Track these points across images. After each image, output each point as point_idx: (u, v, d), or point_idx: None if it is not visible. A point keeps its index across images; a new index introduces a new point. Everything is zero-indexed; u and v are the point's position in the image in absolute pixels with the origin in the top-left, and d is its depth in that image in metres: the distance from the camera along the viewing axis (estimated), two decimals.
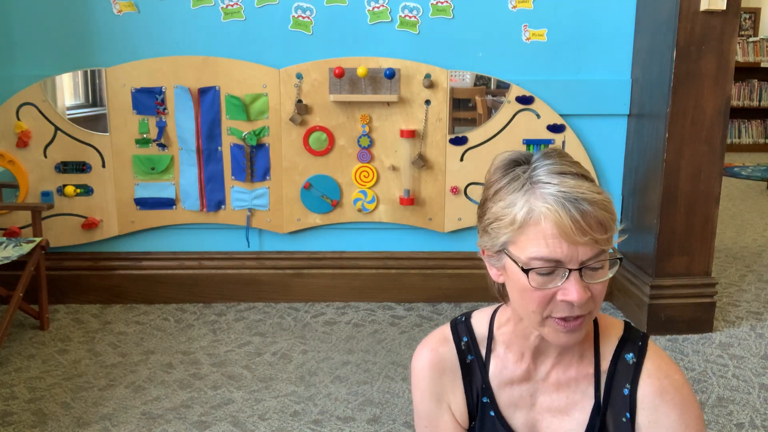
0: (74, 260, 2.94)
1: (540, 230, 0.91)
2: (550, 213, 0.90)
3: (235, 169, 2.88)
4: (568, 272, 0.91)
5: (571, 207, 0.89)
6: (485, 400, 1.08)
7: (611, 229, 0.92)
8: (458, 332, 1.11)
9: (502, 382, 1.07)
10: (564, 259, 0.90)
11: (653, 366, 1.01)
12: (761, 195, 5.54)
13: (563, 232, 0.89)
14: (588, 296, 0.92)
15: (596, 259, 0.91)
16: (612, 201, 0.95)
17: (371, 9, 2.80)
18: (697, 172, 2.61)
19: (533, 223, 0.91)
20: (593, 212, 0.90)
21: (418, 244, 3.01)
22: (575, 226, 0.89)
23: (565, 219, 0.89)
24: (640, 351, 1.02)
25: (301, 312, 2.91)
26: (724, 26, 2.50)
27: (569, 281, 0.91)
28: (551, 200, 0.90)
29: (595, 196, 0.91)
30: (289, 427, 2.02)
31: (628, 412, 1.00)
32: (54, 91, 2.81)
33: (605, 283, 0.94)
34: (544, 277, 0.92)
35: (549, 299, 0.93)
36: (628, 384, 1.01)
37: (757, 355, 2.51)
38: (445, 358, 1.09)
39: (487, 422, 1.09)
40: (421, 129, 2.86)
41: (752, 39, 7.75)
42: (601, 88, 2.87)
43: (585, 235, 0.89)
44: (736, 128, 7.92)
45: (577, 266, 0.91)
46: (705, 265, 2.69)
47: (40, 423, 2.03)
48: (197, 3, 2.77)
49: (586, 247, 0.90)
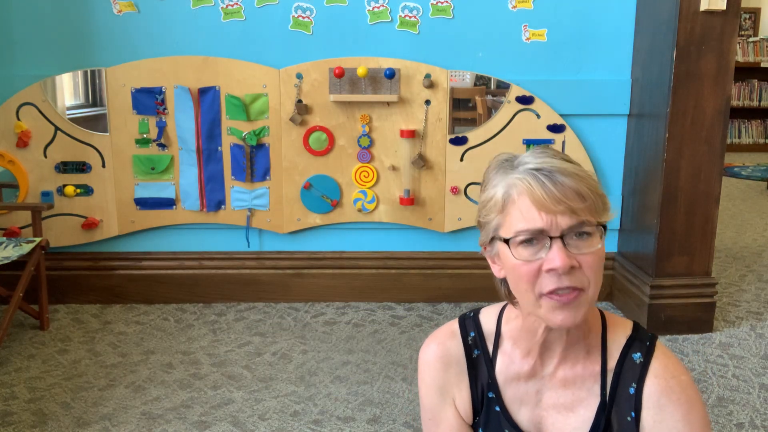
0: (74, 260, 2.94)
1: (518, 206, 0.94)
2: (524, 185, 0.94)
3: (235, 169, 2.88)
4: (550, 241, 0.93)
5: (544, 179, 0.93)
6: (491, 395, 1.09)
7: (590, 200, 0.94)
8: (466, 327, 1.12)
9: (508, 377, 1.08)
10: (544, 227, 0.93)
11: (660, 366, 1.01)
12: (761, 195, 5.54)
13: (538, 203, 0.92)
14: (573, 263, 0.93)
15: (578, 228, 0.93)
16: (596, 180, 0.97)
17: (371, 9, 2.80)
18: (697, 172, 2.61)
19: (512, 201, 0.95)
20: (568, 182, 0.93)
21: (418, 244, 3.01)
22: (548, 195, 0.92)
23: (538, 190, 0.92)
24: (648, 351, 1.03)
25: (301, 312, 2.91)
26: (724, 26, 2.50)
27: (552, 250, 0.93)
28: (526, 175, 0.94)
29: (570, 168, 0.94)
30: (289, 427, 2.02)
31: (633, 411, 1.01)
32: (54, 91, 2.81)
33: (596, 255, 0.95)
34: (527, 249, 0.94)
35: (536, 272, 0.94)
36: (634, 383, 1.01)
37: (757, 355, 2.51)
38: (451, 352, 1.11)
39: (492, 417, 1.09)
40: (421, 129, 2.86)
41: (752, 39, 7.75)
42: (601, 88, 2.87)
43: (560, 204, 0.92)
44: (736, 128, 7.92)
45: (559, 233, 0.93)
46: (705, 265, 2.69)
47: (40, 423, 2.03)
48: (197, 3, 2.77)
49: (565, 216, 0.92)
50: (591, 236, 0.94)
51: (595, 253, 0.94)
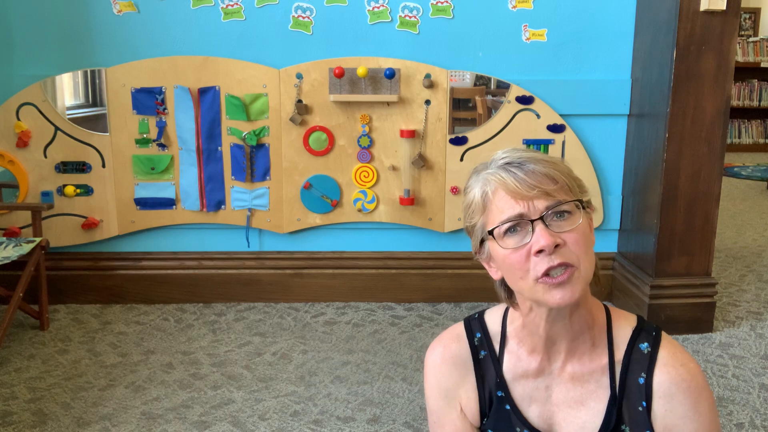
0: (74, 260, 2.94)
1: (496, 201, 0.98)
2: (496, 179, 0.98)
3: (235, 169, 2.88)
4: (532, 224, 0.95)
5: (515, 169, 0.97)
6: (500, 394, 1.09)
7: (562, 181, 0.97)
8: (471, 329, 1.13)
9: (516, 375, 1.08)
10: (523, 211, 0.96)
11: (668, 354, 1.02)
12: (761, 195, 5.54)
13: (512, 192, 0.96)
14: (558, 241, 0.95)
15: (556, 208, 0.96)
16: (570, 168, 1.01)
17: (371, 9, 2.80)
18: (697, 172, 2.61)
19: (489, 198, 0.99)
20: (539, 169, 0.97)
21: (417, 244, 3.01)
22: (520, 182, 0.96)
23: (510, 180, 0.96)
24: (655, 340, 1.04)
25: (301, 312, 2.91)
26: (724, 26, 2.50)
27: (535, 232, 0.95)
28: (498, 170, 0.99)
29: (538, 156, 0.98)
30: (289, 427, 2.02)
31: (644, 400, 1.01)
32: (54, 91, 2.81)
33: (580, 231, 0.97)
34: (513, 237, 0.97)
35: (526, 258, 0.96)
36: (644, 373, 1.02)
37: (757, 355, 2.51)
38: (457, 354, 1.11)
39: (502, 417, 1.09)
40: (421, 129, 2.86)
41: (752, 39, 7.75)
42: (601, 88, 2.87)
43: (533, 189, 0.95)
44: (736, 128, 7.92)
45: (538, 215, 0.95)
46: (705, 265, 2.69)
47: (40, 423, 2.03)
48: (197, 3, 2.77)
49: (541, 199, 0.96)
50: (571, 214, 0.97)
51: (578, 228, 0.97)
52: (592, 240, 1.01)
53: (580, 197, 0.99)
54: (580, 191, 1.00)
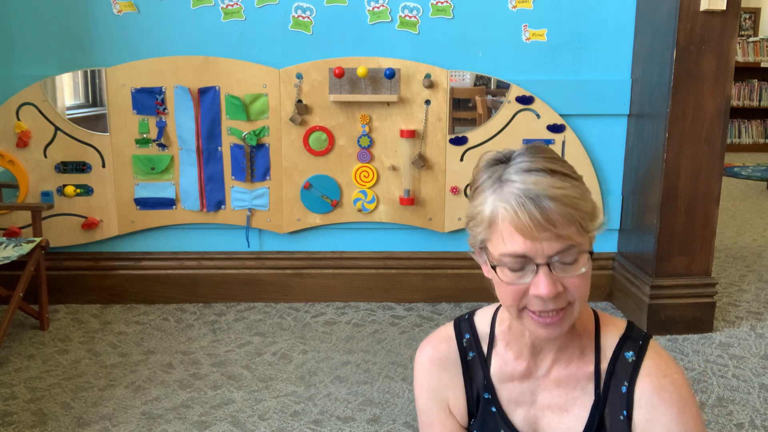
0: (74, 260, 2.94)
1: (503, 229, 0.93)
2: (508, 213, 0.91)
3: (235, 169, 2.88)
4: (536, 267, 0.92)
5: (530, 204, 0.90)
6: (487, 396, 1.09)
7: (578, 223, 0.92)
8: (461, 330, 1.13)
9: (503, 378, 1.08)
10: (528, 253, 0.91)
11: (652, 364, 1.01)
12: (761, 195, 5.54)
13: (522, 230, 0.91)
14: (559, 290, 0.92)
15: (565, 253, 0.92)
16: (586, 197, 0.95)
17: (371, 9, 2.80)
18: (697, 172, 2.61)
19: (497, 222, 0.94)
20: (555, 208, 0.90)
21: (418, 244, 3.01)
22: (533, 222, 0.90)
23: (523, 217, 0.90)
24: (640, 350, 1.02)
25: (301, 312, 2.91)
26: (724, 26, 2.50)
27: (539, 276, 0.92)
28: (511, 199, 0.92)
29: (558, 192, 0.91)
30: (289, 427, 2.02)
31: (625, 410, 1.00)
32: (54, 91, 2.81)
33: (583, 277, 0.94)
34: (514, 272, 0.94)
35: (522, 294, 0.94)
36: (626, 382, 1.01)
37: (757, 355, 2.51)
38: (445, 355, 1.11)
39: (488, 418, 1.09)
40: (421, 129, 2.86)
41: (752, 39, 7.75)
42: (601, 88, 2.87)
43: (545, 231, 0.90)
44: (736, 128, 7.92)
45: (545, 261, 0.92)
46: (705, 265, 2.69)
47: (40, 423, 2.03)
48: (197, 3, 2.77)
49: (551, 242, 0.91)
50: (578, 260, 0.93)
51: (582, 275, 0.94)
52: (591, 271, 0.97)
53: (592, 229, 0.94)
54: (591, 221, 0.95)
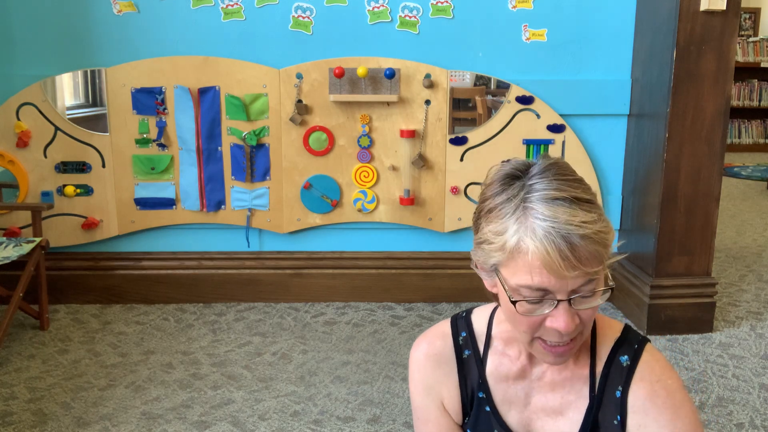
0: (74, 260, 2.94)
1: (528, 262, 0.89)
2: (538, 250, 0.87)
3: (235, 169, 2.88)
4: (556, 302, 0.90)
5: (561, 242, 0.87)
6: (481, 395, 1.09)
7: (604, 260, 0.90)
8: (457, 327, 1.12)
9: (498, 378, 1.08)
10: (552, 289, 0.90)
11: (646, 369, 1.00)
12: (761, 195, 5.54)
13: (551, 268, 0.88)
14: (576, 323, 0.92)
15: (586, 289, 0.91)
16: (609, 227, 0.92)
17: (371, 9, 2.80)
18: (697, 172, 2.61)
19: (522, 253, 0.89)
20: (585, 246, 0.87)
21: (418, 244, 3.01)
22: (564, 262, 0.87)
23: (554, 256, 0.87)
24: (635, 354, 1.02)
25: (301, 312, 2.91)
26: (724, 26, 2.50)
27: (558, 310, 0.91)
28: (541, 235, 0.87)
29: (588, 230, 0.88)
30: (289, 427, 2.02)
31: (619, 415, 1.00)
32: (54, 91, 2.81)
33: (596, 306, 0.94)
34: (532, 305, 0.92)
35: (538, 325, 0.93)
36: (620, 386, 1.00)
37: (757, 355, 2.51)
38: (441, 351, 1.10)
39: (482, 418, 1.09)
40: (421, 129, 2.86)
41: (752, 39, 7.75)
42: (601, 88, 2.87)
43: (575, 270, 0.87)
44: (736, 128, 7.92)
45: (566, 297, 0.90)
46: (705, 265, 2.69)
47: (40, 423, 2.03)
48: (197, 3, 2.77)
49: (577, 279, 0.89)
50: (596, 293, 0.92)
51: (596, 306, 0.93)
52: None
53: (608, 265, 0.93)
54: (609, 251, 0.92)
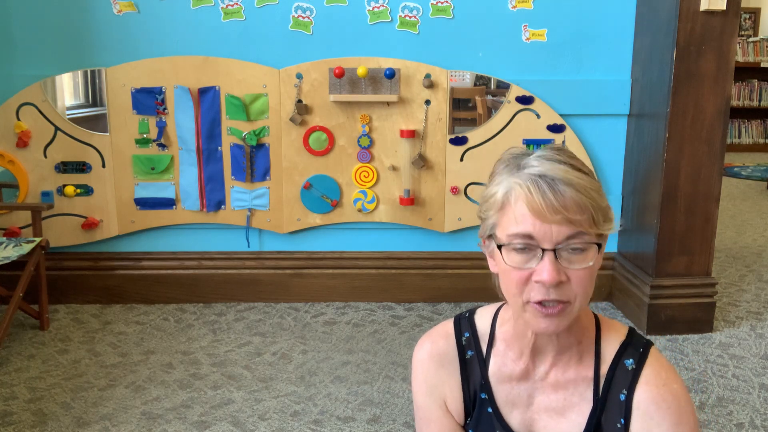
0: (74, 260, 2.94)
1: (516, 211, 0.93)
2: (522, 190, 0.92)
3: (235, 169, 2.88)
4: (542, 252, 0.91)
5: (544, 186, 0.91)
6: (483, 396, 1.08)
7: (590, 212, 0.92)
8: (460, 327, 1.12)
9: (501, 379, 1.07)
10: (537, 235, 0.91)
11: (652, 373, 1.00)
12: (761, 195, 5.54)
13: (534, 210, 0.91)
14: (562, 279, 0.92)
15: (572, 240, 0.91)
16: (601, 193, 0.95)
17: (371, 9, 2.80)
18: (697, 171, 2.61)
19: (510, 202, 0.94)
20: (569, 193, 0.91)
21: (418, 244, 3.01)
22: (546, 203, 0.90)
23: (536, 196, 0.90)
24: (641, 358, 1.02)
25: (301, 312, 2.91)
26: (724, 26, 2.50)
27: (543, 261, 0.92)
28: (527, 179, 0.92)
29: (573, 179, 0.91)
30: (289, 427, 2.02)
31: (622, 418, 1.00)
32: (54, 91, 2.81)
33: (588, 272, 0.94)
34: (519, 255, 0.93)
35: (526, 280, 0.94)
36: (625, 390, 1.00)
37: (757, 355, 2.51)
38: (444, 351, 1.10)
39: (484, 418, 1.09)
40: (421, 129, 2.86)
41: (752, 39, 7.75)
42: (601, 88, 2.87)
43: (557, 214, 0.90)
44: (736, 128, 7.92)
45: (552, 246, 0.91)
46: (705, 265, 2.69)
47: (40, 423, 2.03)
48: (197, 3, 2.77)
49: (561, 227, 0.91)
50: (586, 251, 0.93)
51: (587, 268, 0.93)
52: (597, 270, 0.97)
53: (602, 231, 0.94)
54: (604, 221, 0.94)
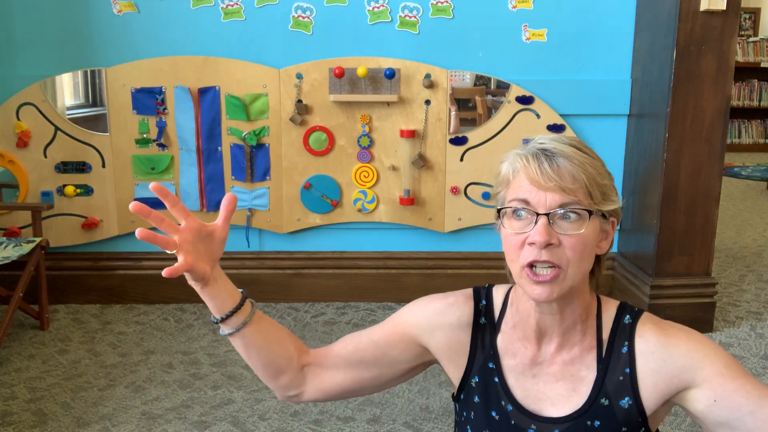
0: (74, 260, 2.94)
1: (518, 182, 1.00)
2: (521, 162, 0.99)
3: (235, 169, 2.88)
4: (536, 216, 0.97)
5: (543, 157, 0.98)
6: (491, 365, 1.11)
7: (584, 184, 0.97)
8: (479, 295, 1.16)
9: (508, 350, 1.10)
10: (532, 201, 0.97)
11: (648, 320, 1.06)
12: (761, 195, 5.54)
13: (530, 178, 0.97)
14: (553, 241, 0.96)
15: (567, 208, 0.96)
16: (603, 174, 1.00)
17: (371, 9, 2.80)
18: (697, 172, 2.61)
19: (514, 176, 1.01)
20: (565, 164, 0.97)
21: (418, 244, 3.01)
22: (541, 171, 0.96)
23: (533, 165, 0.97)
24: (636, 314, 1.07)
25: (301, 312, 2.91)
26: (724, 26, 2.50)
27: (536, 225, 0.97)
28: (528, 151, 1.00)
29: (572, 154, 0.98)
30: (289, 427, 2.02)
31: (627, 368, 1.03)
32: (54, 91, 2.81)
33: (580, 239, 0.98)
34: (518, 221, 0.99)
35: (521, 244, 0.99)
36: (626, 342, 1.04)
37: (757, 355, 2.51)
38: (463, 311, 1.14)
39: (491, 388, 1.10)
40: (421, 129, 2.86)
41: (752, 39, 7.75)
42: (601, 88, 2.87)
43: (550, 181, 0.96)
44: (736, 128, 7.92)
45: (545, 211, 0.96)
46: (705, 265, 2.69)
47: (40, 423, 2.03)
48: (197, 3, 2.77)
49: (555, 194, 0.96)
50: (579, 219, 0.97)
51: (579, 236, 0.98)
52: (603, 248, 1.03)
53: (598, 206, 0.99)
54: (602, 198, 0.99)
